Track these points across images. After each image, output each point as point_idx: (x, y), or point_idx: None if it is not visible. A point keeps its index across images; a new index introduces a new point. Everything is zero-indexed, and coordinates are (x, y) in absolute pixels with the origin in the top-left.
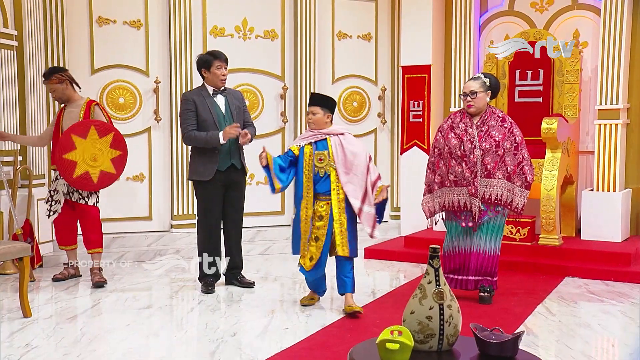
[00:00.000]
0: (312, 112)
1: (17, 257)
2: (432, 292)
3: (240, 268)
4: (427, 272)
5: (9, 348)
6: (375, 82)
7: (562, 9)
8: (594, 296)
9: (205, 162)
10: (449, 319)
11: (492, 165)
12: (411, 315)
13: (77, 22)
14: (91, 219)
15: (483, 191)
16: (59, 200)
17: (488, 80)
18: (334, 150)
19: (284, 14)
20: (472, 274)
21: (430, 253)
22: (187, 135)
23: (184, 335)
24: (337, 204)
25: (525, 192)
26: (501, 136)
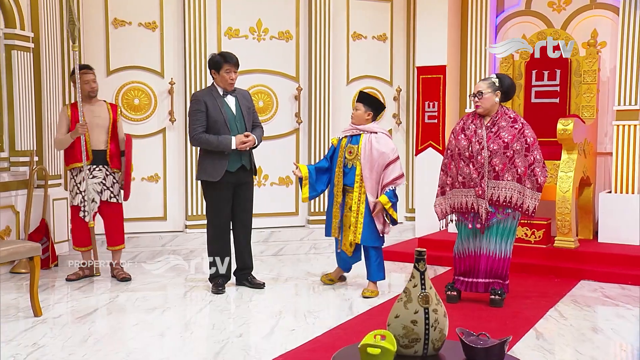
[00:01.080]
0: (355, 108)
1: (27, 256)
2: (417, 295)
3: (250, 269)
4: (412, 276)
5: (17, 347)
6: (391, 82)
7: (580, 9)
8: (608, 300)
9: (215, 163)
10: (434, 323)
11: (500, 166)
12: (396, 320)
13: (94, 24)
14: (119, 216)
15: (491, 193)
16: (92, 199)
17: (498, 80)
18: (362, 146)
19: (299, 15)
20: (482, 277)
21: (416, 256)
22: (196, 136)
23: (190, 336)
24: (357, 195)
25: (537, 195)
26: (510, 137)
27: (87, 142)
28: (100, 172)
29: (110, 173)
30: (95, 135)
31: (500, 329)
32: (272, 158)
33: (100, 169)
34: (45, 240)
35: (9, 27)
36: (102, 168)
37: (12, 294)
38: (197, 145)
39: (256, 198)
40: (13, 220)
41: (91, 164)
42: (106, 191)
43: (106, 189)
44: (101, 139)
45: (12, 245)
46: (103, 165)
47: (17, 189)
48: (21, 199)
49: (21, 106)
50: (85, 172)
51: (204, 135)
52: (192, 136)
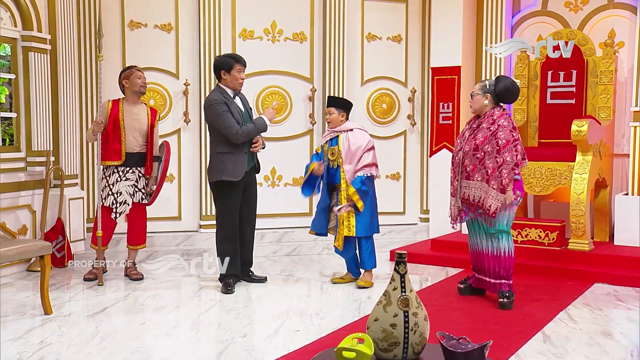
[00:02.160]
0: (329, 113)
1: (38, 255)
2: (397, 299)
3: (250, 264)
4: (392, 278)
5: (24, 345)
6: (405, 83)
7: (598, 8)
8: (621, 303)
9: (236, 162)
10: (414, 327)
11: (470, 167)
12: (375, 323)
13: (110, 26)
14: (144, 217)
15: (463, 192)
16: (124, 201)
17: (487, 83)
18: (341, 144)
19: (313, 16)
20: (488, 276)
21: (397, 259)
22: (240, 132)
23: (195, 336)
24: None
25: (500, 196)
26: (482, 139)
27: (122, 142)
28: (133, 174)
29: (142, 175)
30: (132, 137)
31: (507, 331)
32: (285, 159)
33: (134, 172)
34: (61, 239)
35: (27, 29)
36: (135, 170)
37: (26, 292)
38: (244, 139)
39: (270, 198)
40: (30, 219)
41: (125, 165)
42: (138, 193)
43: (137, 191)
44: (137, 142)
45: (22, 244)
46: (137, 168)
47: (34, 188)
48: (38, 199)
49: (38, 107)
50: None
51: (244, 127)
52: (236, 133)
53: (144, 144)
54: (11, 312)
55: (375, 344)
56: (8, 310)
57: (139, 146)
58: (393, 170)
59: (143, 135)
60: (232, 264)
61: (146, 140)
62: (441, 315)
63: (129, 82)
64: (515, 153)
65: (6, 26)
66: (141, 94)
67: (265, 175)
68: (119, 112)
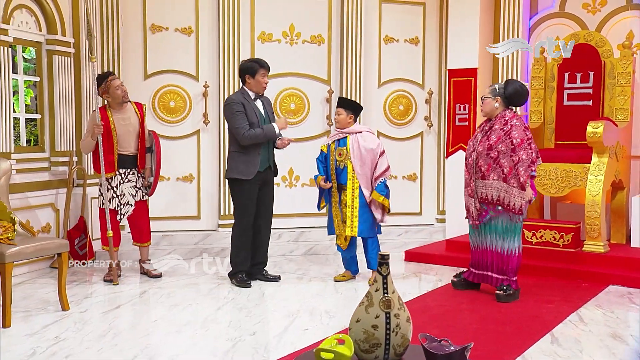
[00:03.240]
0: (337, 113)
1: (56, 252)
2: (379, 300)
3: (265, 263)
4: (375, 279)
5: (39, 340)
6: (422, 85)
7: (616, 10)
8: (634, 306)
9: (248, 162)
10: (395, 328)
11: (485, 167)
12: (357, 324)
13: (132, 29)
14: (146, 213)
15: (480, 192)
16: (128, 202)
17: (497, 86)
18: (350, 147)
19: (331, 19)
20: (493, 271)
21: (379, 260)
22: (246, 134)
23: (204, 333)
24: (351, 191)
25: (522, 193)
26: (495, 139)
27: (115, 150)
28: (133, 175)
29: (140, 175)
30: (127, 141)
31: (515, 332)
32: (303, 159)
33: (133, 172)
34: (83, 237)
35: (51, 33)
36: (134, 171)
37: (47, 288)
38: (248, 142)
39: (288, 198)
40: (53, 218)
41: (125, 168)
42: (139, 192)
43: (138, 190)
44: (132, 144)
45: (40, 242)
46: (134, 169)
47: (57, 187)
48: (61, 197)
49: (61, 109)
50: (103, 181)
51: (251, 131)
52: (242, 134)
53: (138, 143)
54: (30, 308)
55: (356, 345)
56: (28, 306)
57: (136, 147)
58: (410, 172)
59: (137, 135)
60: (243, 260)
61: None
62: (450, 315)
63: (109, 95)
64: (530, 151)
65: (31, 30)
66: (124, 102)
67: (283, 175)
68: (110, 123)
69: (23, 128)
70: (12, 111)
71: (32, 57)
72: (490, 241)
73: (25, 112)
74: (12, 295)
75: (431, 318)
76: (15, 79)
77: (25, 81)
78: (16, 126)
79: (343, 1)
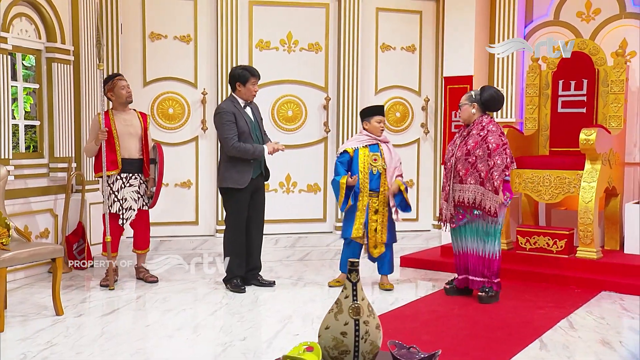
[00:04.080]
0: (382, 121)
1: (50, 258)
2: (348, 307)
3: (259, 269)
4: (344, 287)
5: (31, 345)
6: (419, 92)
7: (609, 18)
8: (625, 312)
9: (242, 171)
10: (364, 335)
11: (463, 171)
12: (326, 331)
13: (132, 37)
14: (148, 222)
15: (457, 195)
16: (130, 207)
17: (473, 93)
18: (386, 155)
19: (328, 27)
20: (473, 274)
21: (349, 267)
22: (235, 145)
23: (195, 338)
24: (383, 199)
25: (495, 197)
26: (473, 144)
27: (117, 151)
28: (135, 180)
29: (144, 182)
30: (129, 143)
31: (505, 338)
32: (300, 166)
33: (136, 177)
34: (81, 242)
35: (50, 41)
36: (137, 176)
37: (43, 293)
38: (235, 154)
39: (284, 204)
40: (52, 223)
41: (127, 172)
42: (141, 199)
43: (140, 197)
44: (135, 148)
45: (34, 247)
46: (138, 174)
47: (56, 193)
48: (60, 203)
49: (60, 115)
50: (104, 181)
51: (241, 144)
52: (230, 145)
53: (141, 148)
54: (25, 313)
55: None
56: (24, 310)
57: (138, 152)
58: (406, 178)
59: (140, 140)
60: (237, 266)
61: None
62: (442, 321)
63: (114, 94)
64: (505, 156)
65: (31, 38)
66: (128, 103)
67: (280, 181)
68: (111, 122)
69: (22, 134)
70: (11, 118)
71: (32, 64)
72: (470, 244)
73: (25, 118)
74: (9, 299)
75: (422, 324)
76: (15, 86)
77: (25, 88)
78: (16, 132)
79: (340, 9)
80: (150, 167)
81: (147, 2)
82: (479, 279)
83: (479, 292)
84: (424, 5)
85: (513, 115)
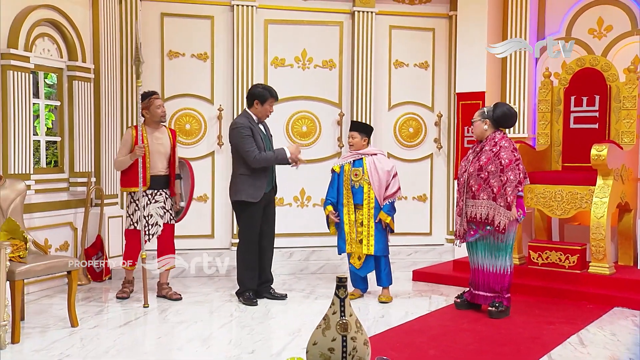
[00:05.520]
0: (352, 137)
1: (65, 270)
2: (335, 323)
3: (271, 281)
4: (332, 302)
5: (45, 356)
6: (432, 108)
7: (621, 35)
8: (637, 329)
9: (257, 185)
10: (352, 351)
11: (475, 187)
12: (314, 347)
13: (151, 55)
14: (172, 237)
15: (470, 211)
16: (156, 222)
17: (486, 110)
18: (368, 168)
19: (342, 44)
20: (483, 290)
21: (337, 283)
22: (258, 157)
23: (205, 351)
24: (367, 211)
25: (507, 212)
26: (485, 160)
27: (147, 168)
28: (161, 196)
29: (169, 197)
30: (157, 161)
31: (512, 354)
32: (314, 180)
33: (161, 194)
34: (100, 255)
35: (72, 59)
36: (162, 192)
37: (61, 304)
38: (259, 165)
39: (299, 218)
40: (71, 236)
41: (153, 188)
42: (167, 214)
43: (166, 212)
44: (162, 165)
45: (50, 260)
46: (164, 190)
47: (76, 207)
48: (79, 217)
49: (81, 132)
50: (141, 196)
51: (262, 154)
52: (253, 157)
53: (168, 165)
54: (42, 324)
55: None
56: (41, 322)
57: (165, 168)
58: (420, 192)
59: (167, 157)
60: (250, 279)
61: (169, 162)
62: (450, 336)
63: (149, 113)
64: (518, 172)
65: (53, 57)
66: (162, 122)
67: (295, 195)
68: (144, 140)
69: (43, 150)
70: (33, 134)
71: (53, 82)
72: (482, 260)
73: (47, 135)
74: (28, 311)
75: (430, 338)
76: (37, 103)
77: (46, 105)
78: (38, 148)
79: (354, 27)
80: (176, 183)
81: (165, 21)
82: (489, 294)
83: (489, 307)
84: (436, 22)
85: (525, 131)
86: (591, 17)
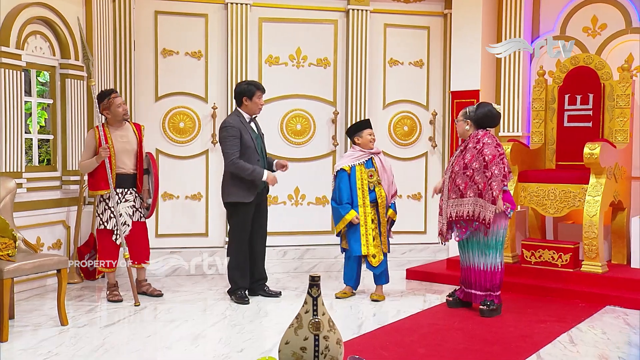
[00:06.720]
0: (372, 134)
1: (55, 269)
2: (308, 322)
3: (265, 279)
4: (305, 301)
5: (32, 355)
6: (427, 107)
7: (615, 33)
8: (627, 327)
9: (249, 186)
10: (324, 350)
11: (462, 185)
12: (286, 346)
13: (144, 53)
14: (146, 234)
15: (457, 209)
16: (125, 222)
17: (468, 110)
18: (379, 168)
19: (337, 42)
20: (475, 288)
21: (310, 282)
22: (234, 161)
23: (194, 349)
24: (382, 210)
25: (492, 207)
26: (470, 157)
27: (112, 168)
28: (130, 195)
29: (138, 195)
30: (124, 160)
31: (502, 353)
32: (309, 179)
33: (131, 192)
34: (93, 253)
35: (64, 57)
36: (132, 191)
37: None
38: (233, 170)
39: (293, 217)
40: (64, 234)
41: (122, 188)
42: (137, 212)
43: (136, 211)
44: (130, 163)
45: (39, 259)
46: (132, 189)
47: (69, 205)
48: (72, 215)
49: (73, 130)
50: (112, 196)
51: (240, 161)
52: (230, 160)
53: (136, 162)
54: (31, 323)
55: None
56: (30, 320)
57: (133, 167)
58: (414, 191)
59: (135, 154)
60: (241, 277)
61: (137, 158)
62: (440, 335)
63: (110, 113)
64: (502, 166)
65: (45, 55)
66: (124, 120)
67: (289, 194)
68: (108, 140)
69: (36, 148)
70: (25, 132)
71: (46, 80)
72: (473, 258)
73: (39, 133)
74: (19, 309)
75: (421, 337)
76: (30, 101)
77: (39, 104)
78: (31, 146)
79: (348, 25)
80: (144, 178)
81: (159, 19)
82: (480, 292)
83: (480, 306)
84: (431, 21)
85: (520, 129)
86: (585, 15)
